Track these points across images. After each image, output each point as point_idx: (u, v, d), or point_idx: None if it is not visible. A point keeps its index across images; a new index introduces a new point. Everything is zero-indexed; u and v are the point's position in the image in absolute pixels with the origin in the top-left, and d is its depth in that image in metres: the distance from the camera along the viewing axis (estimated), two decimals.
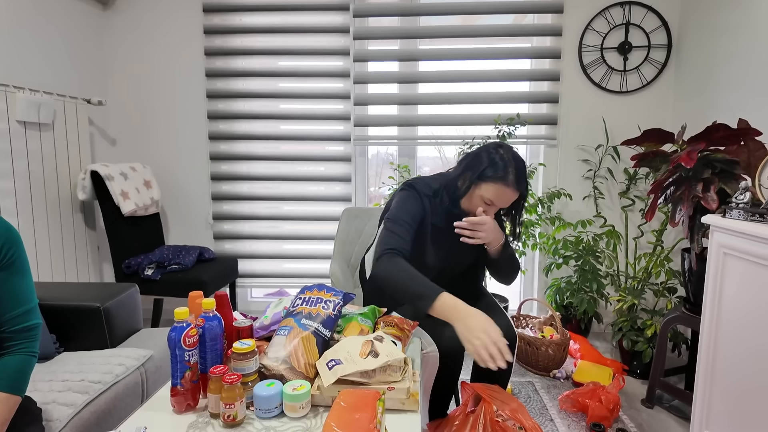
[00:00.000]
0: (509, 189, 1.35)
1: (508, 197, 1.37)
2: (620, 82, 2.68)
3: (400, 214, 1.40)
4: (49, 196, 2.36)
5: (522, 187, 1.38)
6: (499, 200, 1.37)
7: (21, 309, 1.05)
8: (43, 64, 2.40)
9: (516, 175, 1.35)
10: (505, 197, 1.37)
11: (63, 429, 1.13)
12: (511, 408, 1.28)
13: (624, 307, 2.33)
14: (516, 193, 1.38)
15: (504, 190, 1.35)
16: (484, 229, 1.38)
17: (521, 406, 1.31)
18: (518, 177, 1.36)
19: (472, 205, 1.41)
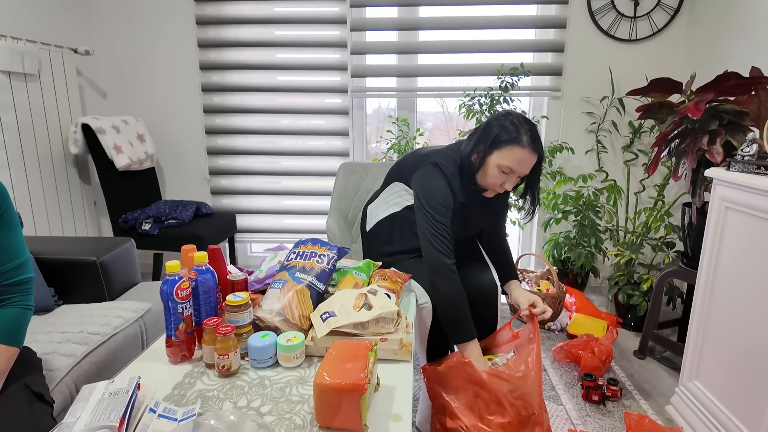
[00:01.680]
0: (526, 150, 1.28)
1: (527, 160, 1.30)
2: (629, 30, 2.55)
3: (438, 201, 1.35)
4: (40, 149, 2.32)
5: (539, 147, 1.31)
6: (518, 165, 1.29)
7: (12, 263, 1.05)
8: (24, 10, 2.29)
9: (531, 136, 1.29)
10: (523, 160, 1.29)
11: (64, 378, 1.15)
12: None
13: (621, 262, 2.34)
14: (534, 154, 1.30)
15: (521, 152, 1.28)
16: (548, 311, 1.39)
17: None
18: (533, 137, 1.30)
19: (489, 178, 1.35)
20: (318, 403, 0.80)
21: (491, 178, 1.34)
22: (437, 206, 1.34)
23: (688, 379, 1.62)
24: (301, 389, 0.92)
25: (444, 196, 1.36)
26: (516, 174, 1.33)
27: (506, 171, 1.31)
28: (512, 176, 1.33)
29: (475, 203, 1.45)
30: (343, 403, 0.78)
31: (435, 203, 1.35)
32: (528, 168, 1.32)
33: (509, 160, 1.29)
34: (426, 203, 1.35)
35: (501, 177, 1.33)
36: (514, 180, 1.34)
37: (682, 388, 1.65)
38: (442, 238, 1.32)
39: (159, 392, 0.90)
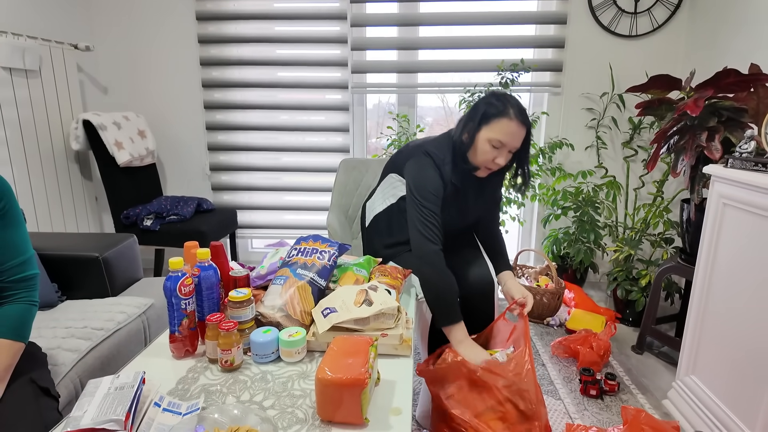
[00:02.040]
0: (514, 122, 1.31)
1: (516, 132, 1.32)
2: (630, 25, 2.55)
3: (426, 188, 1.37)
4: (42, 145, 2.32)
5: (526, 120, 1.33)
6: (507, 137, 1.31)
7: (17, 260, 1.06)
8: (25, 5, 2.29)
9: (517, 109, 1.32)
10: (512, 132, 1.31)
11: (68, 373, 1.17)
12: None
13: (620, 258, 2.35)
14: (522, 127, 1.32)
15: (509, 124, 1.31)
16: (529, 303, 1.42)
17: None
18: (520, 110, 1.32)
19: (480, 155, 1.36)
20: (320, 398, 0.81)
21: (483, 155, 1.36)
22: (426, 194, 1.37)
23: (685, 374, 1.64)
24: (303, 384, 0.93)
25: (433, 184, 1.38)
26: (507, 147, 1.34)
27: (497, 145, 1.33)
28: (503, 150, 1.34)
29: (470, 188, 1.46)
30: (345, 397, 0.80)
31: (424, 191, 1.37)
32: (518, 140, 1.34)
33: (498, 133, 1.31)
34: (416, 192, 1.38)
35: (492, 152, 1.34)
36: (506, 154, 1.35)
37: (679, 382, 1.67)
38: (429, 224, 1.34)
39: (163, 387, 0.91)
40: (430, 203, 1.36)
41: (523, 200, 2.61)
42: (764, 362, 1.28)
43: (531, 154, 2.52)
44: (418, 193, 1.38)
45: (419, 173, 1.40)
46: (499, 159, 1.35)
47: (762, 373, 1.29)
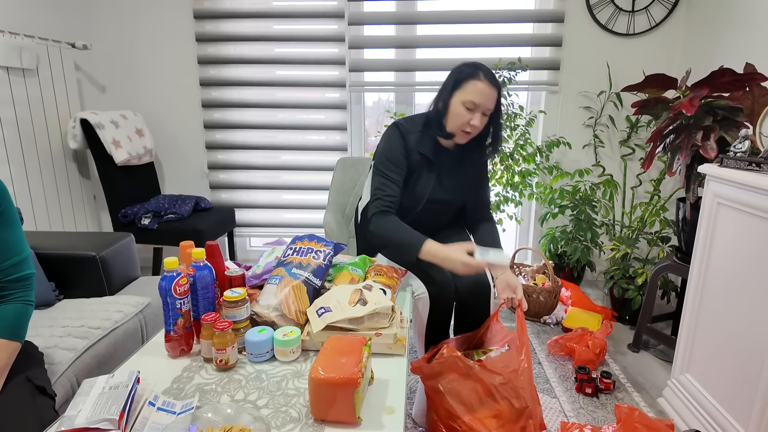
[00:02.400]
0: (484, 83, 1.35)
1: (488, 92, 1.36)
2: (627, 24, 2.55)
3: (386, 156, 1.46)
4: (39, 144, 2.33)
5: (496, 82, 1.38)
6: (480, 97, 1.36)
7: (13, 260, 1.06)
8: (22, 4, 2.29)
9: (486, 72, 1.37)
10: (484, 93, 1.36)
11: (65, 372, 1.18)
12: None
13: (617, 256, 2.36)
14: (493, 88, 1.37)
15: (480, 85, 1.35)
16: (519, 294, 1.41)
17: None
18: (489, 73, 1.38)
19: (455, 119, 1.40)
20: (313, 397, 0.82)
21: (457, 118, 1.39)
22: (383, 161, 1.46)
23: (680, 372, 1.65)
24: (297, 383, 0.94)
25: (393, 152, 1.46)
26: (480, 108, 1.37)
27: (470, 107, 1.37)
28: (477, 112, 1.38)
29: (446, 161, 1.51)
30: (338, 396, 0.80)
31: (381, 158, 1.47)
32: (490, 101, 1.38)
33: (471, 94, 1.36)
34: (375, 159, 1.49)
35: (467, 114, 1.38)
36: (480, 117, 1.38)
37: (673, 380, 1.68)
38: (383, 187, 1.44)
39: (158, 386, 0.92)
40: (387, 169, 1.45)
41: (520, 199, 2.62)
42: (757, 361, 1.29)
43: (528, 153, 2.54)
44: (376, 160, 1.48)
45: (381, 143, 1.50)
46: (474, 120, 1.38)
47: (754, 372, 1.29)
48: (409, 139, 1.47)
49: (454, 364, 1.22)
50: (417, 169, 1.48)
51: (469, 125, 1.39)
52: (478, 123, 1.38)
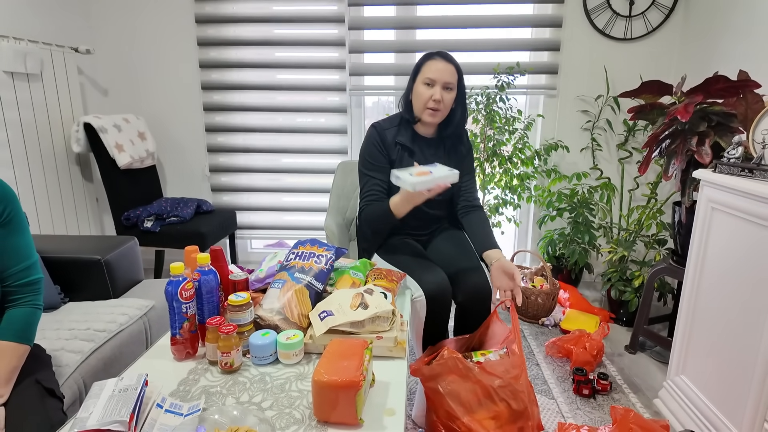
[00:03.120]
0: (440, 61, 1.49)
1: (444, 68, 1.49)
2: (625, 29, 2.58)
3: (366, 156, 1.60)
4: (43, 148, 2.35)
5: (450, 58, 1.51)
6: (436, 73, 1.48)
7: (22, 265, 1.09)
8: (26, 10, 2.31)
9: (441, 53, 1.51)
10: (440, 69, 1.48)
11: (72, 374, 1.20)
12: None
13: (614, 259, 2.38)
14: (447, 63, 1.49)
15: (436, 63, 1.49)
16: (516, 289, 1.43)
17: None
18: (444, 54, 1.51)
19: (419, 98, 1.52)
20: (316, 399, 0.84)
21: (420, 96, 1.52)
22: (364, 161, 1.60)
23: (675, 374, 1.67)
24: (300, 385, 0.96)
25: (370, 151, 1.59)
26: (438, 83, 1.49)
27: (429, 83, 1.50)
28: (436, 87, 1.49)
29: (426, 148, 1.63)
30: (340, 398, 0.83)
31: (362, 159, 1.61)
32: (447, 75, 1.48)
33: (428, 72, 1.50)
34: (359, 162, 1.63)
35: (428, 91, 1.50)
36: (440, 91, 1.49)
37: (669, 382, 1.70)
38: (366, 186, 1.58)
39: (165, 388, 0.95)
40: (367, 169, 1.59)
41: (518, 202, 2.64)
42: (750, 362, 1.31)
43: (527, 156, 2.57)
44: (359, 162, 1.63)
45: (362, 145, 1.64)
46: (435, 95, 1.49)
47: (747, 374, 1.32)
48: (385, 134, 1.60)
49: (454, 366, 1.25)
50: (399, 160, 1.60)
51: (432, 100, 1.50)
52: (438, 96, 1.49)
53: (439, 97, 1.49)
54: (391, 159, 1.60)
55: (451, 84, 1.50)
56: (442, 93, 1.50)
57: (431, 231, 1.72)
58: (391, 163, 1.60)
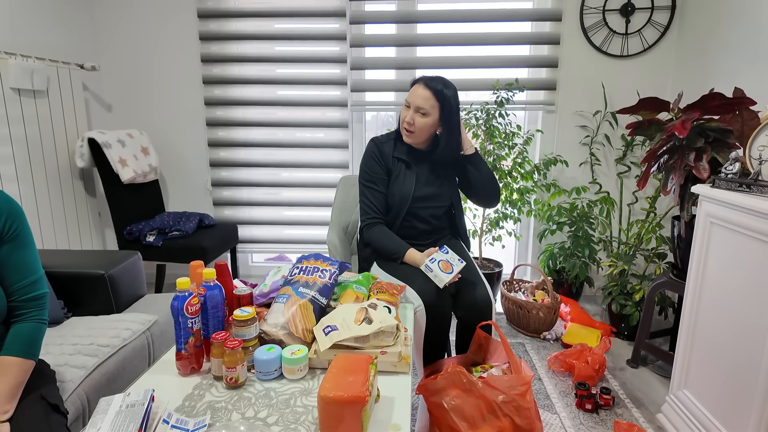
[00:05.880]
0: (419, 86, 1.58)
1: (418, 92, 1.58)
2: (621, 46, 2.63)
3: (365, 169, 1.70)
4: (48, 163, 2.37)
5: (432, 85, 1.57)
6: (411, 97, 1.59)
7: (28, 280, 1.09)
8: (34, 28, 2.36)
9: (424, 79, 1.59)
10: (416, 93, 1.58)
11: (76, 389, 1.20)
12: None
13: (615, 272, 2.39)
14: (426, 90, 1.56)
15: (416, 87, 1.59)
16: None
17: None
18: (427, 79, 1.59)
19: (401, 119, 1.64)
20: (322, 415, 0.85)
21: (401, 116, 1.65)
22: (363, 174, 1.70)
23: (678, 388, 1.67)
24: (305, 400, 0.96)
25: (369, 164, 1.69)
26: (413, 106, 1.59)
27: (408, 105, 1.61)
28: (410, 109, 1.60)
29: (422, 159, 1.71)
30: (346, 414, 0.83)
31: (362, 172, 1.71)
32: (420, 101, 1.57)
33: (409, 95, 1.62)
34: (359, 175, 1.73)
35: (404, 112, 1.63)
36: (411, 113, 1.60)
37: (672, 396, 1.70)
38: (366, 200, 1.68)
39: (170, 404, 0.95)
40: (367, 182, 1.69)
41: (518, 216, 2.66)
42: (751, 377, 1.32)
43: (526, 171, 2.59)
44: (359, 176, 1.73)
45: (362, 159, 1.73)
46: (407, 117, 1.60)
47: (749, 388, 1.32)
48: (383, 148, 1.70)
49: (457, 380, 1.25)
50: (398, 172, 1.69)
51: (405, 121, 1.61)
52: (409, 118, 1.60)
53: (410, 120, 1.60)
54: (389, 171, 1.70)
55: (423, 109, 1.58)
56: (413, 116, 1.59)
57: (432, 241, 1.74)
58: (389, 174, 1.70)
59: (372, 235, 1.66)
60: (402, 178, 1.69)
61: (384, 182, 1.68)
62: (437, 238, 1.77)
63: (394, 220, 1.69)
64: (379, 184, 1.68)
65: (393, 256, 1.62)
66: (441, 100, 1.57)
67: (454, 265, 1.49)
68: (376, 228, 1.66)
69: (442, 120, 1.60)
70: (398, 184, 1.68)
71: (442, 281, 1.47)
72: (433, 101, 1.56)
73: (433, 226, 1.74)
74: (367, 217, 1.68)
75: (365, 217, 1.69)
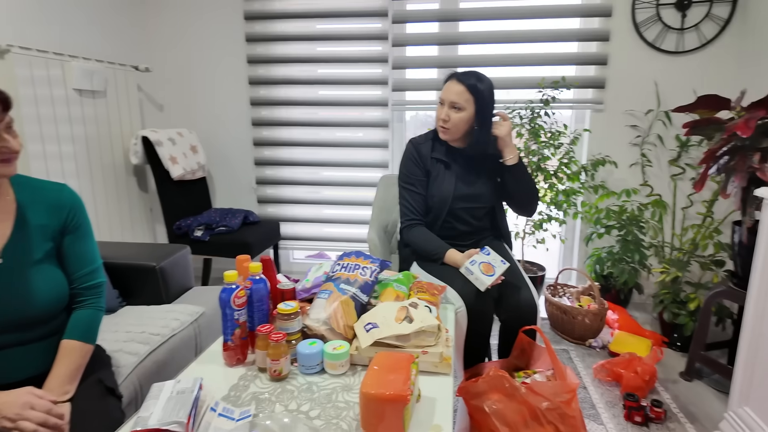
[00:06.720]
0: (452, 82, 1.56)
1: (450, 87, 1.56)
2: (676, 42, 2.50)
3: (404, 171, 1.70)
4: (104, 160, 2.51)
5: (463, 78, 1.54)
6: (444, 93, 1.58)
7: (88, 269, 1.16)
8: (94, 32, 2.50)
9: (457, 74, 1.57)
10: (449, 89, 1.57)
11: (129, 375, 1.26)
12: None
13: (667, 280, 2.27)
14: (459, 84, 1.54)
15: (449, 83, 1.57)
16: (503, 124, 1.60)
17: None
18: (459, 74, 1.56)
19: (436, 119, 1.63)
20: (364, 411, 0.85)
21: (436, 114, 1.63)
22: (403, 176, 1.71)
23: (738, 405, 1.57)
24: (347, 396, 0.97)
25: (407, 166, 1.69)
26: (446, 103, 1.57)
27: (441, 102, 1.60)
28: (444, 106, 1.58)
29: (461, 159, 1.68)
30: (387, 412, 0.83)
31: (401, 174, 1.71)
32: (453, 96, 1.55)
33: (442, 92, 1.60)
34: (399, 177, 1.73)
35: (438, 109, 1.61)
36: (446, 110, 1.58)
37: (731, 413, 1.60)
38: (406, 201, 1.68)
39: (217, 392, 0.97)
40: (407, 183, 1.69)
41: (564, 218, 2.58)
42: None
43: (573, 171, 2.51)
44: (399, 177, 1.72)
45: (401, 160, 1.73)
46: (441, 114, 1.59)
47: None
48: (421, 149, 1.69)
49: (499, 384, 1.22)
50: (437, 173, 1.68)
51: (440, 118, 1.59)
52: (443, 115, 1.58)
53: (444, 116, 1.58)
54: (428, 172, 1.68)
55: (457, 104, 1.55)
56: (448, 112, 1.57)
57: (474, 242, 1.71)
58: (428, 175, 1.68)
59: (412, 236, 1.66)
60: (441, 178, 1.67)
61: (422, 184, 1.68)
62: (478, 239, 1.74)
63: (435, 221, 1.68)
64: (417, 186, 1.67)
65: (433, 256, 1.61)
66: (475, 93, 1.55)
67: (496, 267, 1.46)
68: (415, 229, 1.66)
69: (477, 114, 1.58)
70: (437, 184, 1.67)
71: (483, 284, 1.43)
72: (467, 95, 1.54)
73: (474, 227, 1.72)
74: (407, 219, 1.69)
75: (405, 219, 1.70)
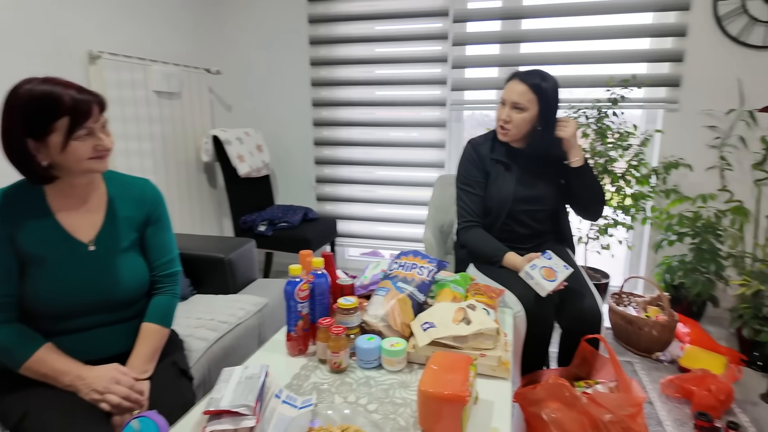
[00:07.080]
0: (514, 81, 1.53)
1: (512, 87, 1.53)
2: (764, 36, 2.29)
3: (462, 172, 1.69)
4: (178, 157, 2.68)
5: (525, 78, 1.51)
6: (506, 93, 1.55)
7: (166, 258, 1.25)
8: (172, 37, 2.68)
9: (519, 73, 1.54)
10: (509, 88, 1.54)
11: (200, 359, 1.34)
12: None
13: (747, 293, 2.10)
14: (521, 84, 1.51)
15: (510, 83, 1.54)
16: (568, 125, 1.55)
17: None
18: (521, 74, 1.53)
19: (496, 120, 1.60)
20: (422, 409, 0.86)
21: (496, 115, 1.60)
22: (461, 177, 1.69)
23: None
24: (404, 393, 0.98)
25: (466, 167, 1.68)
26: (507, 103, 1.54)
27: (503, 102, 1.57)
28: (505, 106, 1.56)
29: (522, 160, 1.64)
30: (445, 411, 0.83)
31: (459, 176, 1.70)
32: (515, 96, 1.51)
33: (503, 92, 1.57)
34: (457, 178, 1.71)
35: (499, 110, 1.58)
36: (507, 110, 1.55)
37: None
38: (463, 203, 1.67)
39: (280, 380, 1.02)
40: (464, 185, 1.67)
41: (632, 223, 2.45)
42: None
43: (642, 174, 2.38)
44: (457, 178, 1.71)
45: (459, 161, 1.72)
46: (502, 114, 1.56)
47: None
48: (480, 149, 1.66)
49: (559, 393, 1.19)
50: (496, 174, 1.65)
51: (501, 119, 1.56)
52: (504, 115, 1.55)
53: (506, 117, 1.55)
54: (487, 173, 1.66)
55: (519, 104, 1.52)
56: (509, 113, 1.54)
57: (534, 245, 1.67)
58: (487, 176, 1.66)
59: (469, 237, 1.65)
60: (501, 180, 1.63)
61: (481, 185, 1.65)
62: (539, 242, 1.69)
63: (493, 224, 1.65)
64: (475, 187, 1.65)
65: (491, 259, 1.59)
66: (538, 93, 1.50)
67: (558, 272, 1.41)
68: (473, 231, 1.64)
69: (541, 114, 1.53)
70: (496, 186, 1.63)
71: (544, 290, 1.40)
72: (530, 95, 1.50)
73: (535, 230, 1.67)
74: (464, 220, 1.67)
75: (461, 220, 1.68)
